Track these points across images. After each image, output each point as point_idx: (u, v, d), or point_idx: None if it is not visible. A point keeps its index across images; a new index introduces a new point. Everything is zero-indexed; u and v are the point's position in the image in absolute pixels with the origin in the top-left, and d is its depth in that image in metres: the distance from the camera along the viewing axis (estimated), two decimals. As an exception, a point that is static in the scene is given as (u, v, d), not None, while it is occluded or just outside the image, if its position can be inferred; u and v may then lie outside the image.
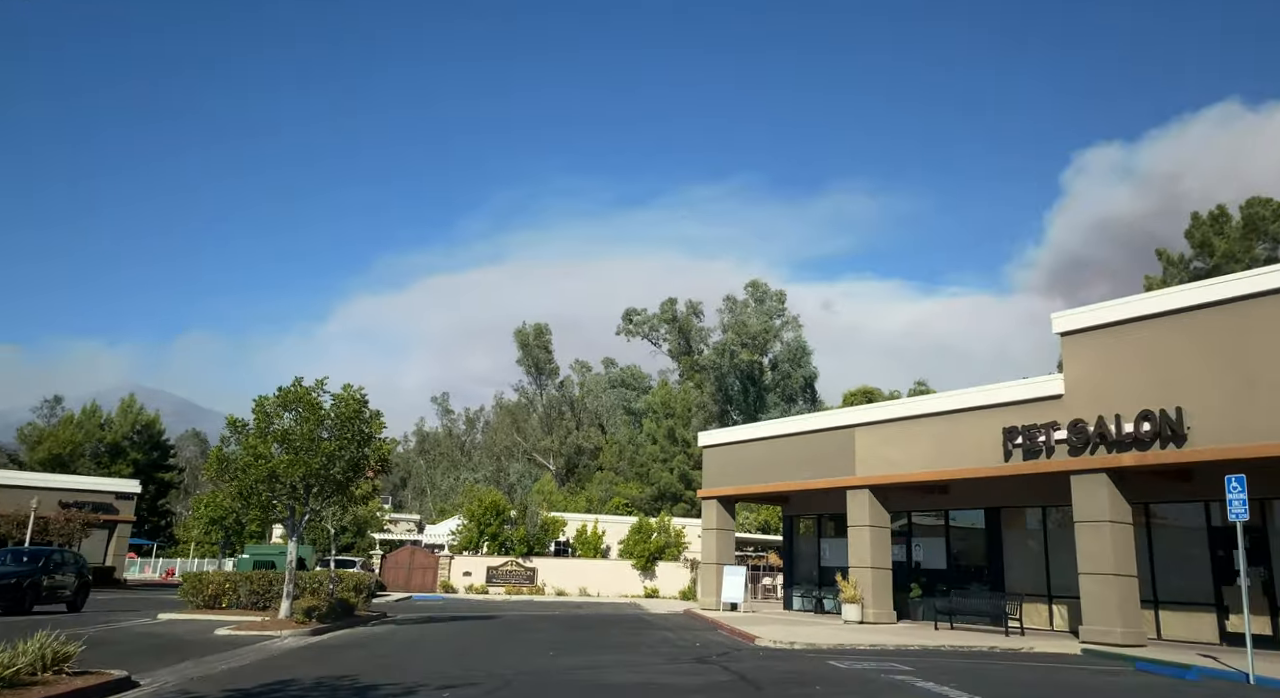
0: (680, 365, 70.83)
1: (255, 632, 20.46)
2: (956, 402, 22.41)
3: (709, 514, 29.67)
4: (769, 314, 67.78)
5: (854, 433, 25.06)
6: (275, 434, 21.74)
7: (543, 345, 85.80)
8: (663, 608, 35.59)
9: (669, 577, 46.12)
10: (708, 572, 29.38)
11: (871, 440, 24.58)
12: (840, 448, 25.34)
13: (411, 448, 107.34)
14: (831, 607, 28.21)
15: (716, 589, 28.74)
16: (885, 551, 24.49)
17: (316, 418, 22.11)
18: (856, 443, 24.93)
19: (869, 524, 24.26)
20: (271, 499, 22.30)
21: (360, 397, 22.96)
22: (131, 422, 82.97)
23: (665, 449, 62.58)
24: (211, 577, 26.62)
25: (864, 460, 24.67)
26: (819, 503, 29.18)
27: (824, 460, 25.82)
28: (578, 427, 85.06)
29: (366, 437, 22.96)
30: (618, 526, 49.58)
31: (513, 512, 47.10)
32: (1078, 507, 19.45)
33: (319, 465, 21.70)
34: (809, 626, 23.07)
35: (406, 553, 45.74)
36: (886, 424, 24.20)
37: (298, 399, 22.28)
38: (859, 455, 24.81)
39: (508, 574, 45.23)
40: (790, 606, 30.11)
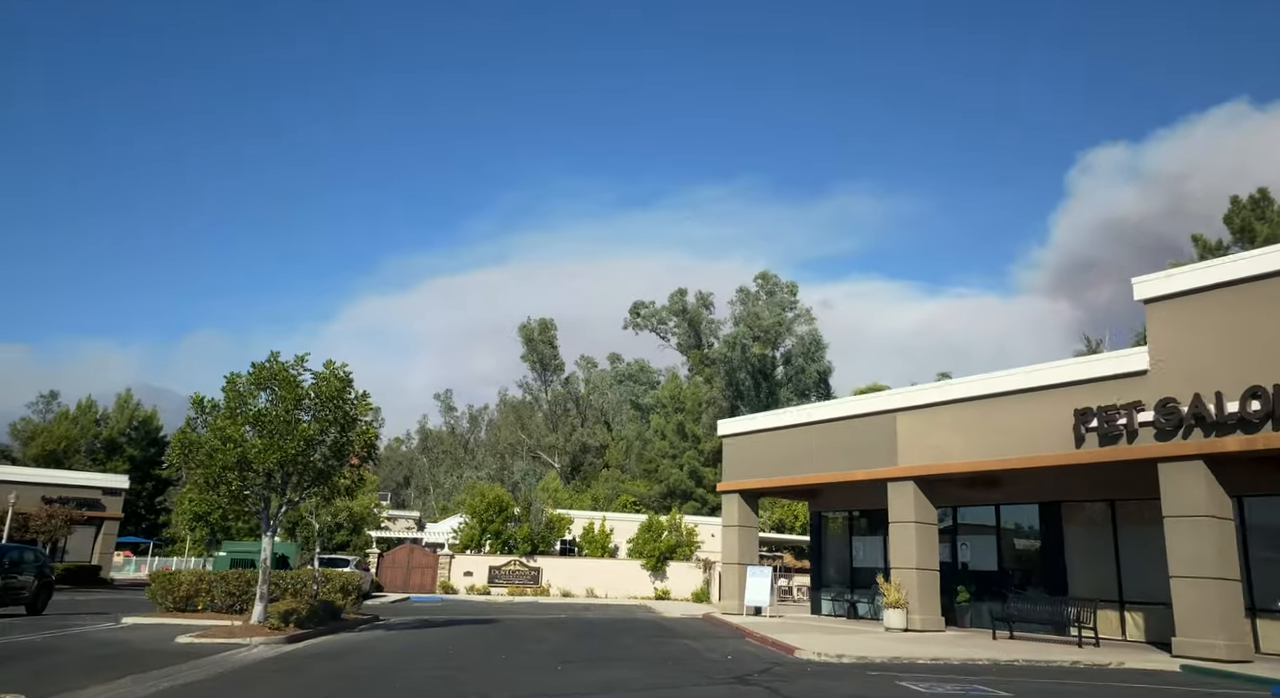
0: (689, 359, 67.92)
1: (220, 639, 17.74)
2: (1018, 381, 19.57)
3: (729, 510, 26.84)
4: (781, 306, 64.87)
5: (896, 419, 22.23)
6: (247, 416, 18.95)
7: (548, 341, 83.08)
8: (677, 611, 32.77)
9: (680, 578, 43.31)
10: (729, 573, 26.55)
11: (917, 426, 21.76)
12: (880, 435, 22.51)
13: (414, 446, 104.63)
14: (866, 612, 25.38)
15: (739, 592, 25.91)
16: (932, 550, 21.66)
17: (294, 398, 19.32)
18: (899, 429, 22.10)
19: (914, 521, 21.42)
20: (243, 489, 19.52)
21: (344, 375, 20.19)
22: (128, 418, 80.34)
23: (675, 445, 59.71)
24: (183, 577, 23.87)
25: (908, 449, 21.85)
26: (850, 498, 26.35)
27: (861, 450, 23.00)
28: (583, 424, 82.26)
29: (351, 420, 20.18)
30: (626, 524, 46.77)
31: (516, 509, 44.30)
32: (1168, 500, 16.61)
33: (296, 451, 18.91)
34: (849, 634, 20.23)
35: (405, 552, 42.95)
36: (934, 408, 21.38)
37: (273, 377, 19.51)
38: (902, 443, 21.99)
39: (511, 574, 42.44)
40: (819, 610, 27.27)
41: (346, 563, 35.61)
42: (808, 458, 24.69)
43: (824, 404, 24.43)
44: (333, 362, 20.18)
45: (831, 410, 24.18)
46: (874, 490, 24.80)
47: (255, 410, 19.01)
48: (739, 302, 66.12)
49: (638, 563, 43.50)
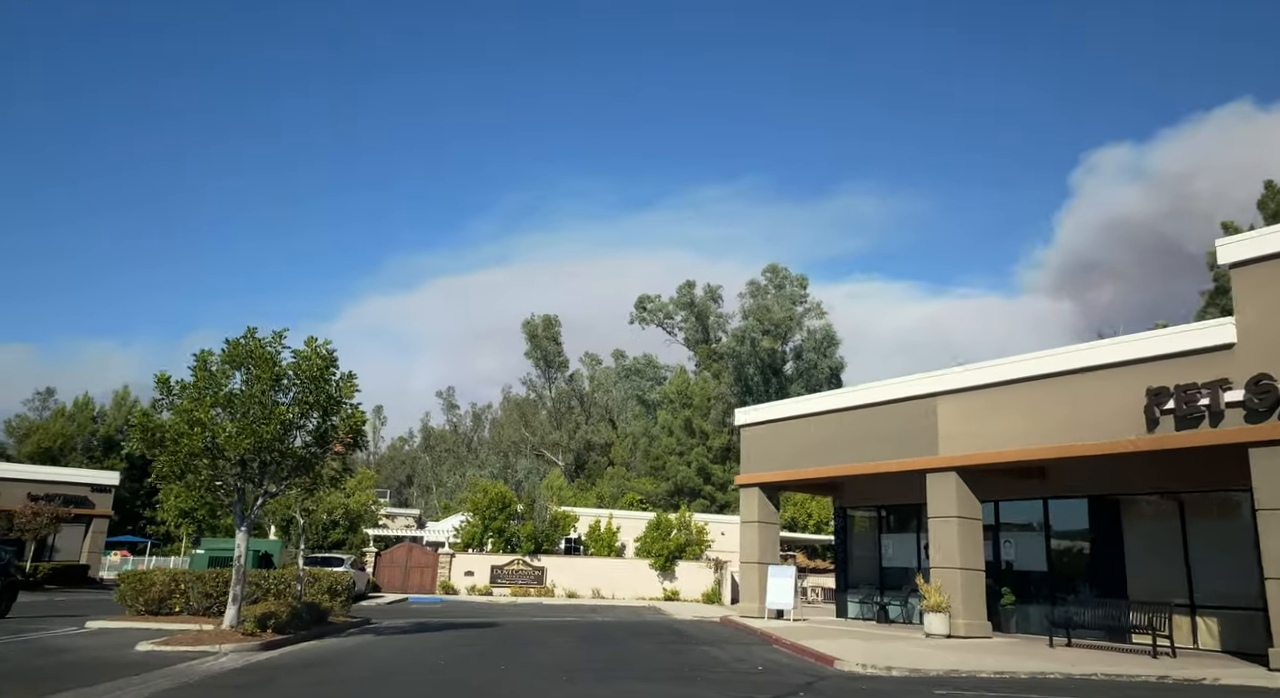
0: (697, 354, 65.63)
1: (185, 647, 15.64)
2: (1080, 358, 17.37)
3: (749, 504, 24.63)
4: (791, 300, 62.58)
5: (936, 403, 20.04)
6: (217, 397, 16.80)
7: (552, 337, 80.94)
8: (689, 613, 30.58)
9: (690, 578, 41.11)
10: (748, 573, 24.35)
11: (960, 411, 19.57)
12: (918, 422, 20.33)
13: (416, 445, 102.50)
14: (898, 615, 23.18)
15: (759, 593, 23.72)
16: (976, 547, 19.45)
17: (271, 377, 17.17)
18: (940, 415, 19.91)
19: (957, 515, 19.22)
20: (214, 479, 17.37)
21: (328, 353, 18.03)
22: (125, 415, 78.20)
23: (682, 441, 57.47)
24: (155, 577, 21.73)
25: (950, 437, 19.65)
26: (879, 492, 24.15)
27: (896, 438, 20.81)
28: (587, 421, 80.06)
29: (335, 403, 18.02)
30: (633, 522, 44.57)
31: (520, 506, 42.12)
32: (1261, 491, 14.41)
33: (272, 436, 16.76)
34: (887, 640, 18.03)
35: (403, 551, 40.78)
36: (981, 391, 19.18)
37: (249, 354, 17.36)
38: (943, 430, 19.79)
39: (514, 574, 40.27)
40: (844, 613, 25.05)
41: (340, 562, 33.45)
42: (834, 448, 22.51)
43: (853, 389, 22.27)
44: (314, 338, 18.04)
45: (862, 396, 21.98)
46: (907, 484, 22.59)
47: (226, 391, 16.85)
48: (748, 295, 63.89)
49: (646, 563, 41.32)
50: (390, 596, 37.25)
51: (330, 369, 18.10)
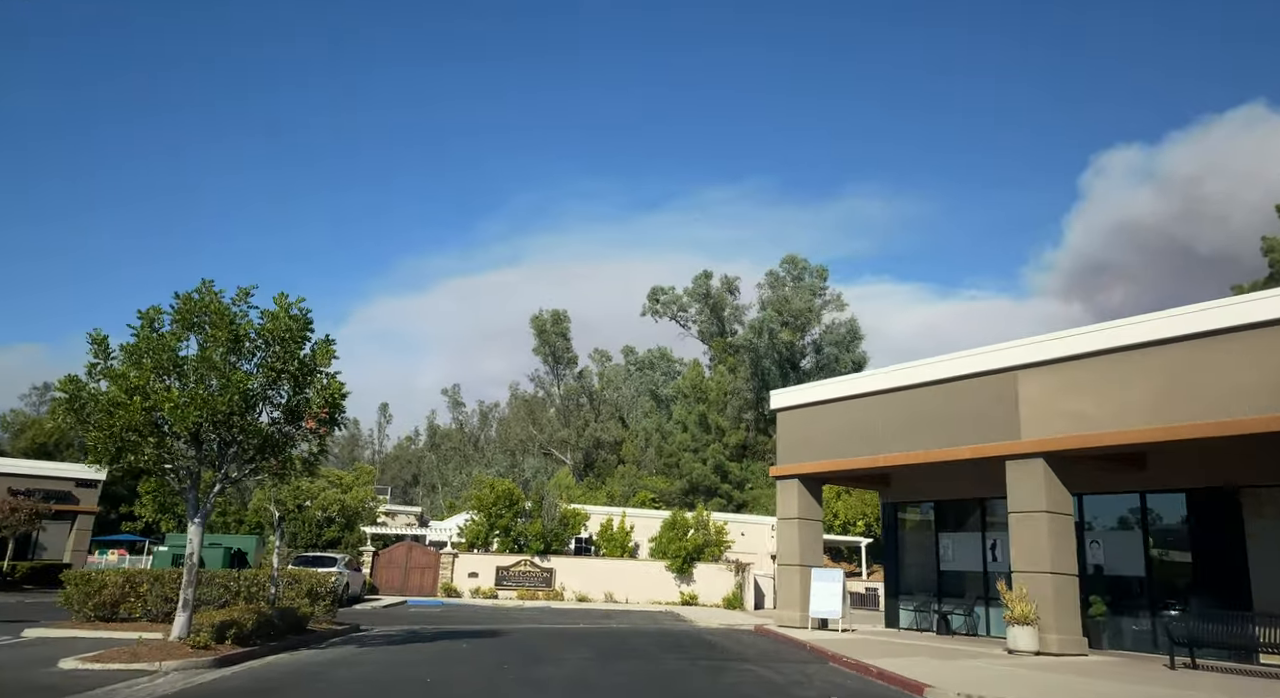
0: (712, 348, 62.33)
1: (118, 664, 12.62)
2: (1207, 320, 14.17)
3: (787, 498, 21.42)
4: (811, 291, 59.26)
5: (1018, 379, 16.84)
6: (160, 360, 13.71)
7: (560, 333, 77.82)
8: (713, 620, 27.41)
9: (709, 581, 37.94)
10: (787, 576, 21.14)
11: (1048, 387, 16.37)
12: (994, 401, 17.14)
13: (423, 444, 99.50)
14: (961, 626, 19.96)
15: (800, 600, 20.52)
16: (1068, 548, 16.23)
17: (229, 338, 14.09)
18: (1022, 393, 16.72)
19: (1045, 510, 16.02)
20: (162, 461, 14.30)
21: (302, 315, 14.97)
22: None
23: (697, 437, 54.23)
24: (108, 577, 18.66)
25: (1035, 417, 16.46)
26: (935, 485, 20.99)
27: (966, 420, 17.63)
28: (596, 418, 76.88)
29: (309, 371, 14.94)
30: (648, 521, 41.40)
31: (528, 503, 38.99)
32: None
33: (230, 409, 13.67)
34: (969, 659, 14.85)
35: (403, 550, 37.66)
36: (1075, 363, 15.97)
37: (205, 310, 14.28)
38: (1027, 411, 16.60)
39: (520, 576, 37.15)
40: (895, 622, 21.82)
41: (333, 562, 30.34)
42: (888, 434, 19.33)
43: (912, 365, 19.11)
44: (285, 295, 14.94)
45: (923, 373, 18.78)
46: (970, 475, 19.44)
47: (171, 354, 13.75)
48: (766, 285, 60.59)
49: (661, 564, 38.17)
50: (388, 598, 34.19)
51: (304, 332, 15.04)
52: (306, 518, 36.89)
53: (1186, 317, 14.63)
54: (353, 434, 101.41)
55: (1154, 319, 14.87)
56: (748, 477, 53.81)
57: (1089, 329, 15.96)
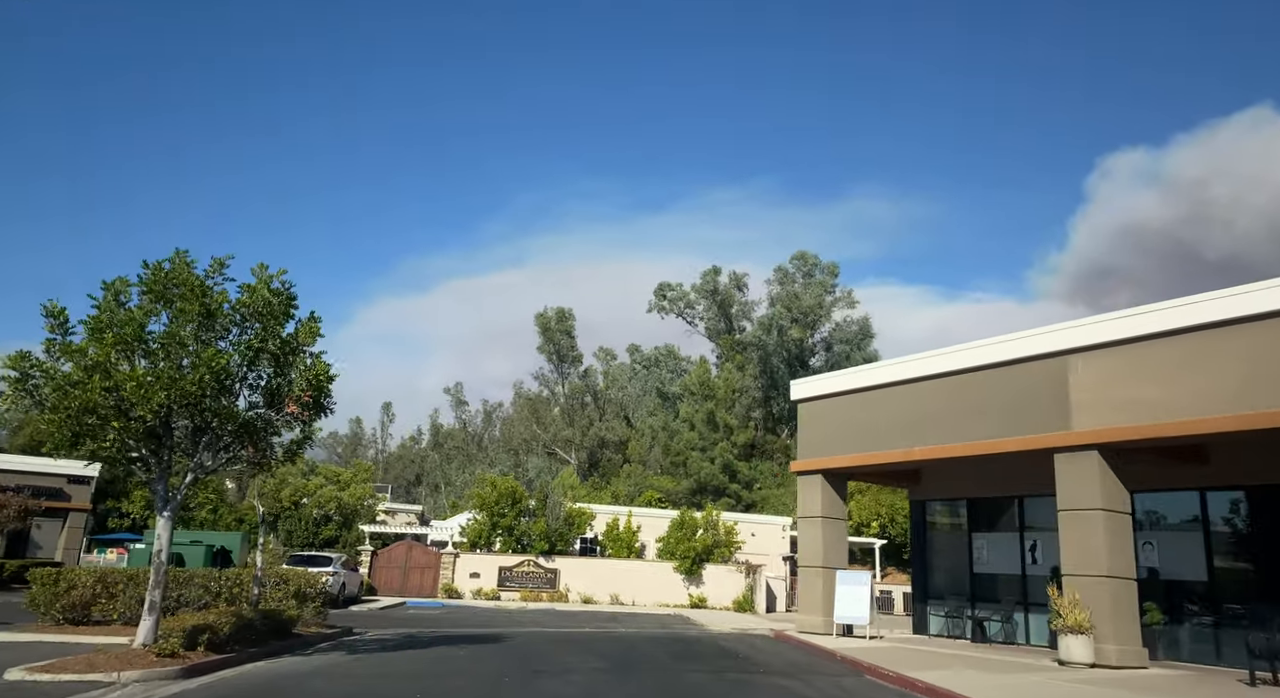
0: (720, 345, 60.69)
1: (71, 675, 11.20)
2: None
3: (809, 495, 19.88)
4: (822, 288, 57.63)
5: (1069, 364, 15.29)
6: (123, 335, 12.20)
7: (565, 331, 76.29)
8: (726, 624, 25.87)
9: (719, 583, 36.38)
10: (809, 579, 19.57)
11: (1104, 372, 14.82)
12: (1042, 388, 15.60)
13: (426, 443, 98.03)
14: (998, 633, 18.39)
15: (823, 604, 18.95)
16: (1125, 550, 14.67)
17: (201, 310, 12.59)
18: (1074, 379, 15.17)
19: (1101, 508, 14.46)
20: (126, 447, 12.80)
21: (284, 287, 13.49)
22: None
23: (705, 436, 52.64)
24: (78, 577, 17.15)
25: (1089, 405, 14.91)
26: (969, 481, 19.44)
27: (1010, 410, 16.08)
28: (601, 417, 75.32)
29: (291, 351, 13.44)
30: (655, 520, 39.85)
31: (531, 501, 37.46)
32: None
33: (199, 389, 12.18)
34: (1019, 673, 13.30)
35: (403, 549, 36.13)
36: (1137, 345, 14.42)
37: (176, 282, 12.79)
38: (1079, 398, 15.05)
39: (524, 577, 35.63)
40: (924, 628, 20.24)
41: (328, 562, 28.84)
42: (922, 425, 17.78)
43: (949, 351, 17.57)
44: (265, 266, 13.46)
45: (961, 359, 17.22)
46: (1010, 470, 17.91)
47: (137, 328, 12.24)
48: (775, 281, 58.93)
49: (669, 565, 36.62)
50: (386, 600, 32.68)
51: (287, 308, 13.56)
52: (303, 516, 35.41)
53: (1260, 294, 13.08)
54: (355, 433, 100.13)
55: (1237, 294, 13.29)
56: (756, 476, 52.26)
57: (1156, 307, 14.40)
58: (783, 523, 42.18)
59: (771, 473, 52.86)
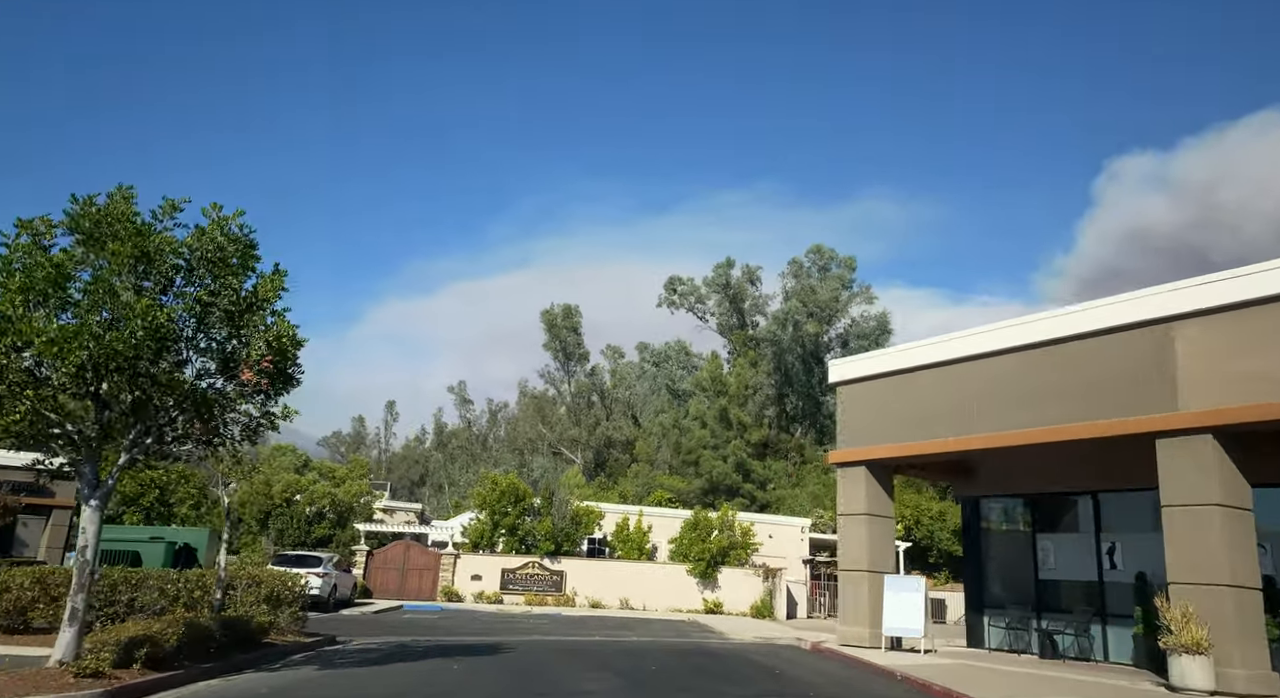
0: (732, 341, 58.12)
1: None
2: None
3: (851, 490, 17.39)
4: (839, 282, 55.08)
5: (1173, 333, 12.81)
6: (33, 279, 9.79)
7: (572, 328, 73.86)
8: (747, 632, 23.41)
9: (735, 587, 33.92)
10: (853, 585, 17.06)
11: (1220, 342, 12.35)
12: (1139, 363, 13.12)
13: (429, 443, 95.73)
14: (1070, 647, 15.87)
15: (869, 614, 16.45)
16: (1248, 553, 12.17)
17: (136, 253, 10.19)
18: (1181, 350, 12.69)
19: (1219, 503, 11.98)
20: (44, 421, 10.39)
21: (244, 235, 11.10)
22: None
23: (717, 434, 50.13)
24: (12, 579, 14.74)
25: (1200, 382, 12.44)
26: (1033, 475, 16.95)
27: (1097, 389, 13.61)
28: (608, 417, 72.82)
29: (249, 307, 11.03)
30: (667, 521, 37.37)
31: (536, 500, 35.02)
32: None
33: (133, 349, 9.78)
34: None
35: (400, 549, 33.71)
36: (1263, 308, 11.94)
37: (111, 219, 10.39)
38: (1187, 373, 12.57)
39: (528, 579, 33.20)
40: (981, 641, 17.72)
41: (318, 562, 26.45)
42: (982, 409, 15.31)
43: (1021, 322, 15.08)
44: (220, 206, 11.05)
45: (1031, 331, 14.72)
46: (1083, 461, 15.45)
47: (51, 272, 9.81)
48: (790, 275, 56.38)
49: (682, 568, 34.17)
50: (382, 602, 30.29)
51: (248, 258, 11.16)
52: (294, 513, 33.01)
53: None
54: (358, 432, 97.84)
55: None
56: (770, 476, 49.75)
57: (1269, 266, 11.90)
58: (801, 524, 39.66)
59: (786, 473, 50.37)
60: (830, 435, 54.93)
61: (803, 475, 49.91)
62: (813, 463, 51.44)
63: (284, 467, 34.54)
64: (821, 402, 54.54)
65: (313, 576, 26.17)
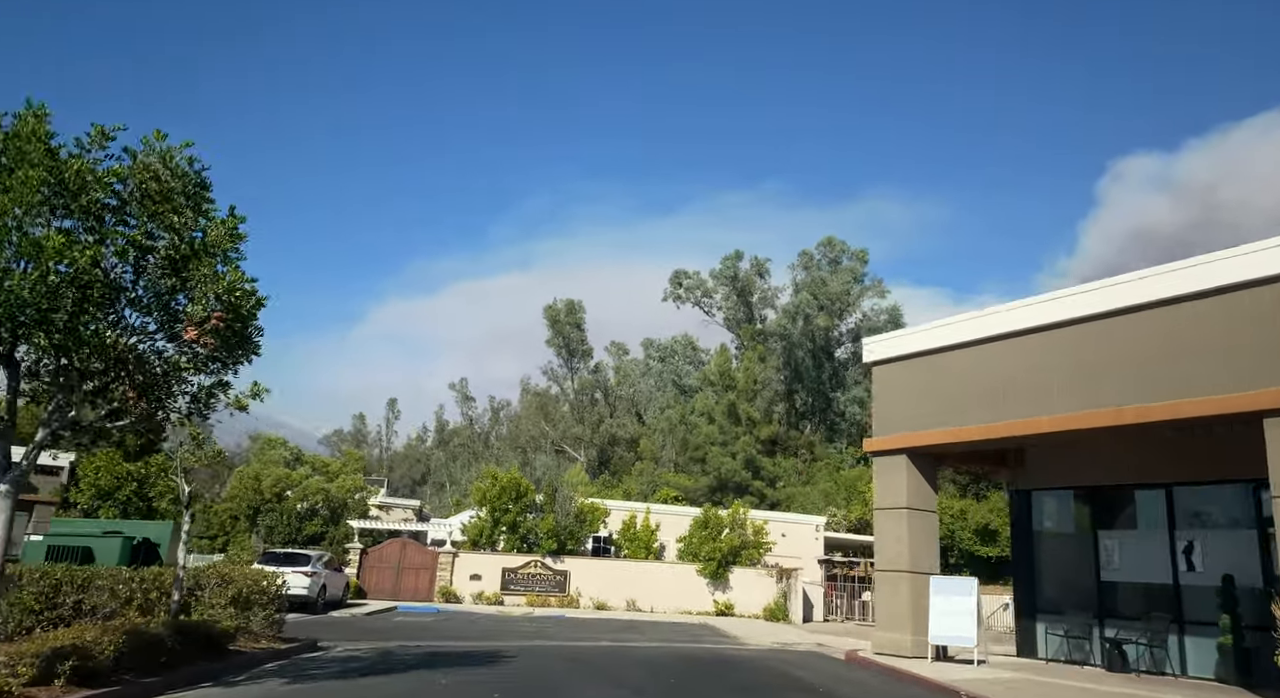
0: (740, 336, 56.15)
1: None
2: None
3: (890, 481, 15.47)
4: (851, 275, 53.10)
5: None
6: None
7: (575, 324, 72.01)
8: (764, 637, 21.53)
9: (747, 588, 32.03)
10: (892, 587, 15.13)
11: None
12: (1242, 331, 11.20)
13: (430, 442, 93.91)
14: (1142, 659, 13.92)
15: (912, 620, 14.52)
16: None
17: (49, 180, 8.30)
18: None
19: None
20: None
21: (194, 171, 9.22)
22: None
23: (725, 430, 48.18)
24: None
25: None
26: (1094, 465, 15.05)
27: (1185, 360, 11.70)
28: (612, 414, 70.89)
29: (195, 253, 9.14)
30: (675, 518, 35.47)
31: (539, 496, 33.13)
32: None
33: (43, 299, 7.89)
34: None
35: (396, 548, 31.82)
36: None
37: (16, 142, 8.50)
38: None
39: (529, 579, 31.33)
40: (1033, 649, 15.79)
41: (306, 560, 24.62)
42: (1042, 389, 13.39)
43: (1090, 288, 13.12)
44: (164, 134, 9.17)
45: (1107, 298, 12.74)
46: (1154, 449, 13.53)
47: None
48: (800, 267, 54.39)
49: (692, 568, 32.28)
50: (375, 603, 28.42)
51: (199, 199, 9.29)
52: (285, 509, 31.12)
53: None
54: (359, 430, 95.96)
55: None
56: (780, 474, 47.79)
57: None
58: (816, 523, 37.72)
59: (796, 470, 48.41)
60: (841, 433, 52.98)
61: (813, 473, 47.97)
62: (823, 460, 49.52)
63: (274, 461, 32.69)
64: (832, 398, 52.63)
65: (300, 575, 24.28)
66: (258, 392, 11.21)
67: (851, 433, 51.13)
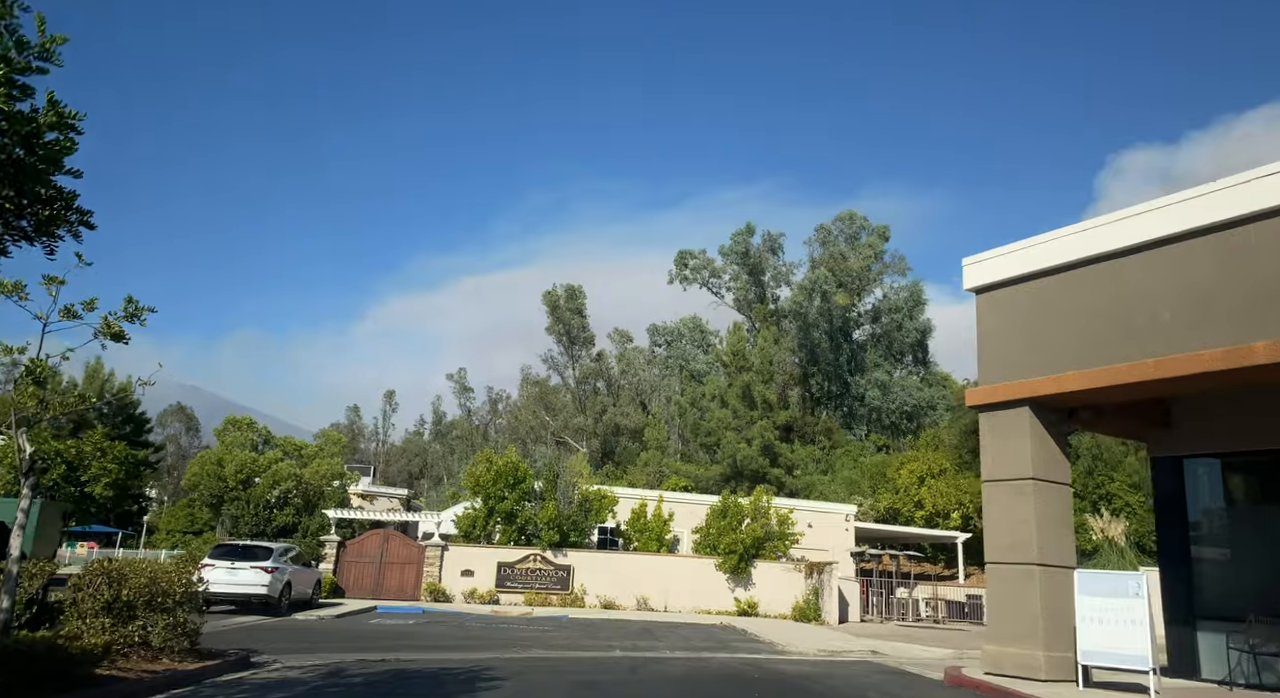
0: (751, 317, 52.07)
1: None
2: None
3: (1007, 443, 11.39)
4: (871, 251, 49.03)
5: None
6: None
7: (576, 310, 67.92)
8: (807, 643, 17.50)
9: (772, 584, 28.02)
10: (1015, 584, 11.07)
11: None
12: None
13: (427, 434, 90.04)
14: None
15: (1043, 628, 10.48)
16: None
17: None
18: None
19: None
20: None
21: None
22: (98, 389, 65.71)
23: (740, 413, 44.09)
24: None
25: None
26: (1271, 419, 11.03)
27: None
28: (615, 403, 66.82)
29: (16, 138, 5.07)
30: (690, 507, 31.44)
31: (537, 483, 29.10)
32: None
33: None
34: None
35: (377, 540, 27.78)
36: None
37: None
38: None
39: (528, 575, 27.34)
40: (1193, 667, 11.76)
41: (266, 554, 20.65)
42: (1222, 316, 9.39)
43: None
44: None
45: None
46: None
47: None
48: (816, 241, 50.29)
49: (710, 562, 28.29)
50: (353, 604, 24.43)
51: None
52: (252, 497, 27.05)
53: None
54: (353, 423, 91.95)
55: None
56: (798, 461, 43.79)
57: None
58: (846, 512, 33.69)
59: (814, 458, 44.39)
60: (860, 419, 48.95)
61: (832, 461, 43.99)
62: (842, 448, 45.54)
63: (239, 444, 28.66)
64: (850, 382, 48.57)
65: (258, 570, 20.27)
66: (135, 312, 7.40)
67: (871, 419, 47.17)
